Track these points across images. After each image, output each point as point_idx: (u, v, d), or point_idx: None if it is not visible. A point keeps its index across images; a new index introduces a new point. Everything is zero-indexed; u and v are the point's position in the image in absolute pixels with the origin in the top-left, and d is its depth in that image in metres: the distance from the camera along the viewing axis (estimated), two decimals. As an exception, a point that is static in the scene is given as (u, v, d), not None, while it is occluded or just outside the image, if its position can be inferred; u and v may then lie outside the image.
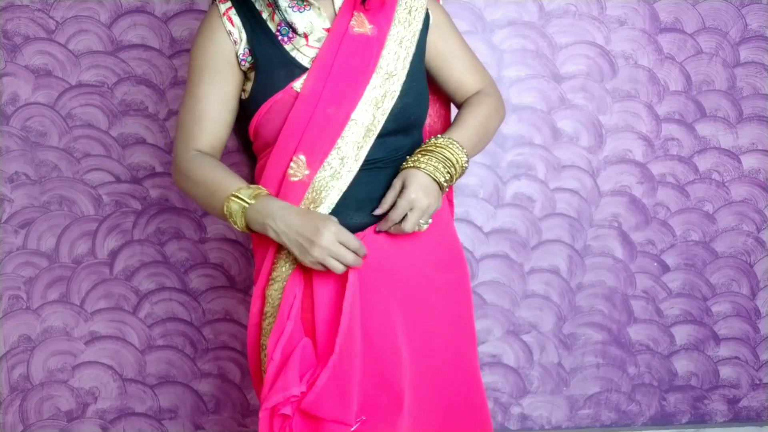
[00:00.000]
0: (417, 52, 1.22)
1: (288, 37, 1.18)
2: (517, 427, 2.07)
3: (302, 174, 1.15)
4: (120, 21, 1.83)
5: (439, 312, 1.24)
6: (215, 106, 1.20)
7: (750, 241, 2.03)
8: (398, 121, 1.18)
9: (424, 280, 1.22)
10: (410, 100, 1.19)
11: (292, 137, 1.15)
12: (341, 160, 1.14)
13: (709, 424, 2.10)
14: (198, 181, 1.18)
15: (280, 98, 1.16)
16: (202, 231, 1.92)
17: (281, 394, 1.12)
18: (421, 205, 1.13)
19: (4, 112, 1.86)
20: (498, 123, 1.30)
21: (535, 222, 1.99)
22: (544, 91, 1.94)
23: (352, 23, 1.17)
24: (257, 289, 1.23)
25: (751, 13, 1.93)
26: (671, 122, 1.97)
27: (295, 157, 1.15)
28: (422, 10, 1.23)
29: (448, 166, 1.15)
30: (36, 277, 1.91)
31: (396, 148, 1.20)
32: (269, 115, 1.17)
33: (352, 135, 1.15)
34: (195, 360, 1.97)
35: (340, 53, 1.16)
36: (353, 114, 1.15)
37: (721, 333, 2.06)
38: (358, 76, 1.16)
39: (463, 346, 1.28)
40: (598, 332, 2.04)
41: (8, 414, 1.96)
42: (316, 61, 1.16)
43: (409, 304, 1.21)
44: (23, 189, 1.88)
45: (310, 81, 1.15)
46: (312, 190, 1.15)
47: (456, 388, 1.26)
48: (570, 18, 1.91)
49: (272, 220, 1.10)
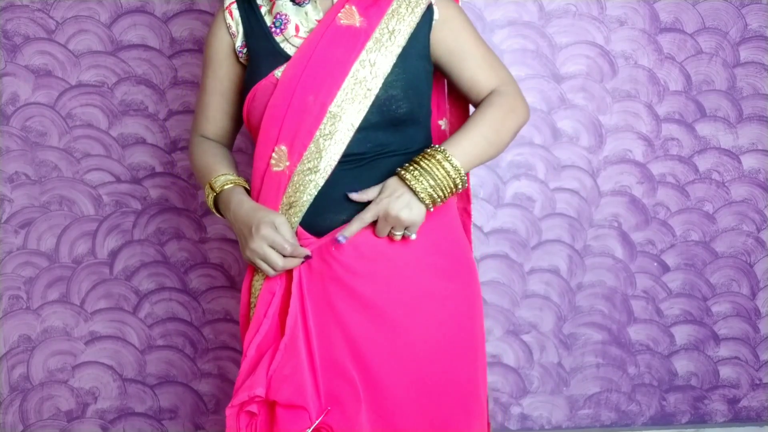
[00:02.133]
0: (413, 48, 1.19)
1: (280, 29, 1.20)
2: (517, 427, 2.07)
3: (283, 165, 1.15)
4: (120, 21, 1.83)
5: (430, 318, 1.19)
6: (216, 97, 1.30)
7: (750, 241, 2.03)
8: (382, 113, 1.15)
9: (405, 287, 1.18)
10: (397, 92, 1.16)
11: (272, 125, 1.16)
12: (319, 153, 1.14)
13: (709, 424, 2.10)
14: (195, 166, 1.29)
15: (263, 85, 1.18)
16: (202, 231, 1.92)
17: (246, 393, 1.13)
18: (389, 215, 1.12)
19: (4, 112, 1.86)
20: (516, 124, 1.23)
21: (535, 222, 1.99)
22: (544, 91, 1.94)
23: (340, 15, 1.17)
24: (245, 282, 1.25)
25: (751, 13, 1.93)
26: (671, 122, 1.97)
27: (276, 147, 1.15)
28: (423, 5, 1.20)
29: (432, 184, 1.12)
30: (36, 277, 1.91)
31: (380, 143, 1.17)
32: (254, 102, 1.19)
33: (331, 127, 1.14)
34: (195, 360, 1.97)
35: (322, 43, 1.15)
36: (330, 106, 1.13)
37: (721, 333, 2.06)
38: (338, 66, 1.14)
39: (458, 354, 1.22)
40: (598, 332, 2.04)
41: (8, 414, 1.96)
42: (298, 51, 1.17)
43: (394, 307, 1.17)
44: (23, 189, 1.88)
45: (290, 68, 1.16)
46: (292, 183, 1.15)
47: (445, 395, 1.20)
48: (570, 18, 1.91)
49: (228, 211, 1.19)
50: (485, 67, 1.25)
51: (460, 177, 1.14)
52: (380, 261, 1.17)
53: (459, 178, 1.14)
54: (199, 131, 1.34)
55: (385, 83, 1.15)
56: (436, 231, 1.21)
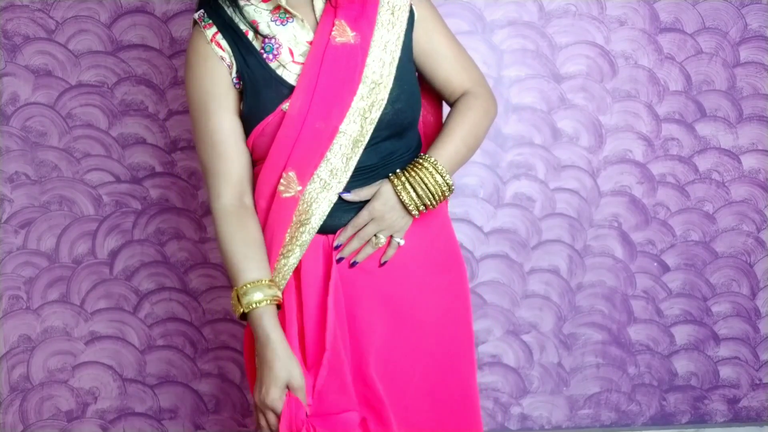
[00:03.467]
0: (404, 54, 1.19)
1: (273, 54, 1.15)
2: (517, 427, 2.07)
3: (294, 190, 1.15)
4: (120, 21, 1.83)
5: (430, 314, 1.23)
6: (232, 133, 1.17)
7: (750, 241, 2.03)
8: (390, 128, 1.17)
9: (413, 282, 1.21)
10: (402, 105, 1.17)
11: (280, 155, 1.14)
12: (330, 172, 1.14)
13: (709, 424, 2.10)
14: (223, 250, 1.16)
15: (271, 120, 1.14)
16: (202, 231, 1.92)
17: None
18: (380, 218, 1.15)
19: (4, 112, 1.86)
20: (488, 125, 1.27)
21: (535, 222, 1.99)
22: (544, 91, 1.94)
23: (334, 33, 1.14)
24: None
25: (751, 13, 1.93)
26: (671, 122, 1.97)
27: (284, 173, 1.14)
28: (406, 9, 1.19)
29: (421, 190, 1.15)
30: (36, 277, 1.91)
31: (390, 152, 1.19)
32: (262, 136, 1.16)
33: (341, 147, 1.14)
34: (195, 360, 1.97)
35: (324, 67, 1.13)
36: (341, 126, 1.13)
37: (721, 333, 2.06)
38: (344, 87, 1.14)
39: (457, 348, 1.26)
40: (598, 332, 2.04)
41: (8, 414, 1.96)
42: (301, 79, 1.13)
43: (395, 306, 1.20)
44: (23, 189, 1.88)
45: (297, 100, 1.13)
46: (303, 202, 1.15)
47: (448, 389, 1.25)
48: (570, 18, 1.91)
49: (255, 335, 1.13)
50: (458, 69, 1.25)
51: (448, 187, 1.18)
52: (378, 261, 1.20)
53: (448, 189, 1.18)
54: (224, 185, 1.17)
55: (390, 99, 1.15)
56: (432, 227, 1.24)
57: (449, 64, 1.25)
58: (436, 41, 1.23)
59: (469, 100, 1.24)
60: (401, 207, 1.16)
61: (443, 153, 1.18)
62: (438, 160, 1.17)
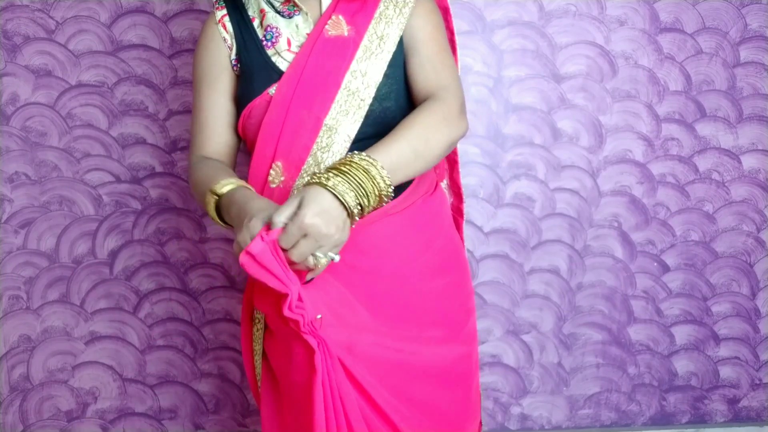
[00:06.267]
0: (400, 51, 1.17)
1: (272, 42, 1.18)
2: (517, 427, 2.07)
3: (279, 180, 1.14)
4: (120, 21, 1.83)
5: (426, 316, 1.19)
6: (217, 112, 1.22)
7: (750, 241, 2.03)
8: (377, 125, 1.14)
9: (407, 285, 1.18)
10: (391, 104, 1.15)
11: (268, 142, 1.14)
12: (318, 166, 1.13)
13: (709, 424, 2.10)
14: (194, 182, 1.16)
15: (258, 103, 1.16)
16: (202, 231, 1.92)
17: None
18: (317, 232, 0.93)
19: (4, 112, 1.86)
20: (448, 137, 1.10)
21: (535, 222, 1.99)
22: (544, 91, 1.94)
23: (327, 27, 1.15)
24: (245, 294, 1.23)
25: (751, 13, 1.93)
26: (671, 122, 1.97)
27: (273, 164, 1.14)
28: (410, 5, 1.17)
29: (360, 195, 0.97)
30: (36, 277, 1.91)
31: None
32: (250, 119, 1.17)
33: (327, 140, 1.12)
34: (195, 360, 1.97)
35: (312, 56, 1.14)
36: (326, 119, 1.12)
37: (721, 333, 2.06)
38: (330, 78, 1.13)
39: (457, 350, 1.23)
40: (598, 332, 2.04)
41: (8, 414, 1.96)
42: (290, 66, 1.15)
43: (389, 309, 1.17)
44: (23, 189, 1.88)
45: (283, 85, 1.14)
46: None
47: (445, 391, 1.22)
48: (570, 18, 1.91)
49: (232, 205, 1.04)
50: (427, 69, 1.17)
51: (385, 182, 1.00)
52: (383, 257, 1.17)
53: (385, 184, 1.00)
54: (199, 152, 1.22)
55: (378, 96, 1.14)
56: (426, 230, 1.21)
57: (419, 60, 1.17)
58: (418, 38, 1.18)
59: (428, 102, 1.13)
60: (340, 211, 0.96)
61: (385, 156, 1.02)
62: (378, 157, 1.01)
